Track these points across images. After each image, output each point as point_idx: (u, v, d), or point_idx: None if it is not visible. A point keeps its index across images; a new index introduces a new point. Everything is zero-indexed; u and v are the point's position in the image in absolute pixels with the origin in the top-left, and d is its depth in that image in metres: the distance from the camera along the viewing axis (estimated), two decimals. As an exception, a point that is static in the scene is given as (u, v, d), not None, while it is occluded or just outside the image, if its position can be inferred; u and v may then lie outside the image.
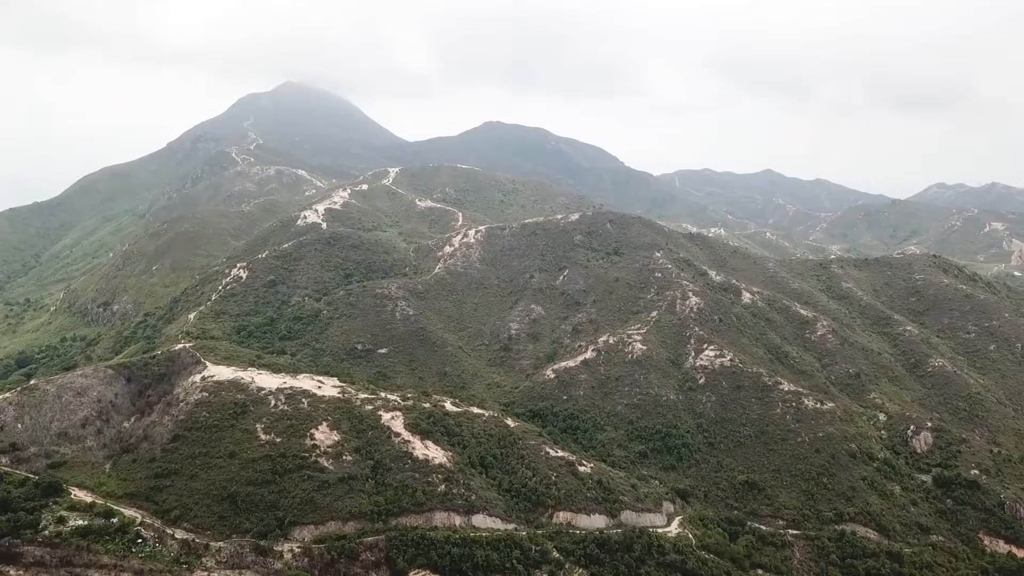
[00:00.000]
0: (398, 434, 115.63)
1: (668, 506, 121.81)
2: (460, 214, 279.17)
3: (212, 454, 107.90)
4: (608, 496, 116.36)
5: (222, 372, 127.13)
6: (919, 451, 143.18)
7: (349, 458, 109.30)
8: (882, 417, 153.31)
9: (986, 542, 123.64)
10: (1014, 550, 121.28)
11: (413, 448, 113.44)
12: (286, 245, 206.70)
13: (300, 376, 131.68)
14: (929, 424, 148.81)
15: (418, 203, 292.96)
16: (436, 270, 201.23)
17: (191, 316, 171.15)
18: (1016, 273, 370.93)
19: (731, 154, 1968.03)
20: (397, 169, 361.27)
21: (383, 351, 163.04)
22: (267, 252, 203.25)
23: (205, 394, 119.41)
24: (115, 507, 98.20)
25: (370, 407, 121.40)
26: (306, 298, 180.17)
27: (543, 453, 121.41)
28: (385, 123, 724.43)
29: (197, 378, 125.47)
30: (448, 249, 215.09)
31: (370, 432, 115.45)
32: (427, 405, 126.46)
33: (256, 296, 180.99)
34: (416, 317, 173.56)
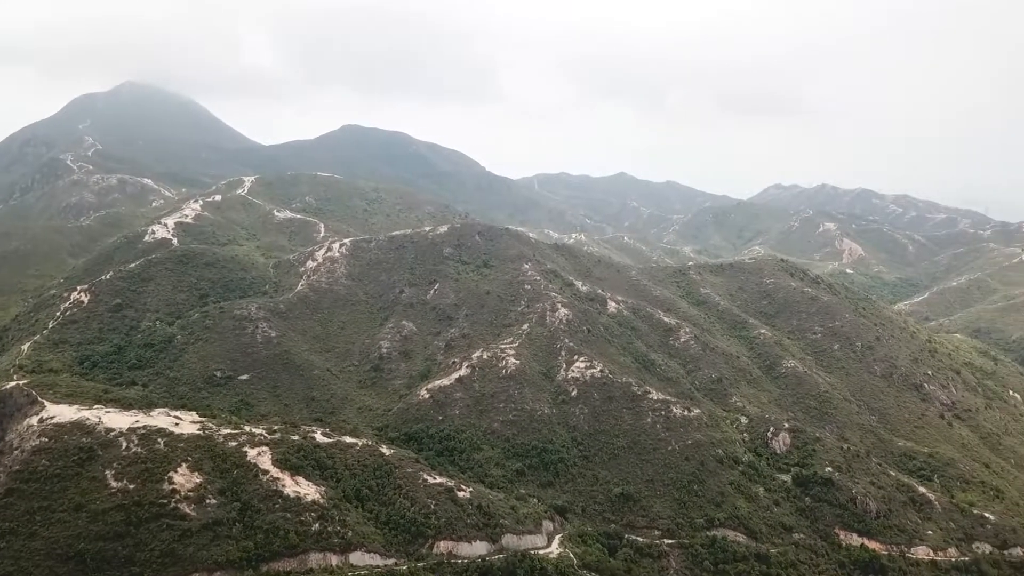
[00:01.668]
0: (266, 471, 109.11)
1: (548, 524, 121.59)
2: (322, 225, 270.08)
3: (54, 508, 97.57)
4: (488, 521, 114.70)
5: (64, 412, 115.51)
6: (779, 452, 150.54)
7: (213, 501, 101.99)
8: (744, 420, 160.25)
9: (842, 536, 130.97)
10: (866, 542, 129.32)
11: (283, 486, 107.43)
12: (133, 264, 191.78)
13: (155, 412, 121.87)
14: (787, 425, 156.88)
15: (276, 214, 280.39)
16: (299, 287, 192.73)
17: (24, 347, 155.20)
18: (848, 271, 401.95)
19: (586, 157, 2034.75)
20: (253, 177, 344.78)
21: (244, 377, 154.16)
22: (111, 272, 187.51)
23: (44, 439, 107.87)
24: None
25: (234, 443, 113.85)
26: (157, 322, 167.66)
27: (421, 480, 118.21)
28: (237, 126, 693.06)
29: (34, 421, 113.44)
30: (311, 264, 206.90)
31: (235, 471, 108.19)
32: (296, 437, 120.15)
33: (100, 322, 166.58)
34: (279, 339, 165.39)
